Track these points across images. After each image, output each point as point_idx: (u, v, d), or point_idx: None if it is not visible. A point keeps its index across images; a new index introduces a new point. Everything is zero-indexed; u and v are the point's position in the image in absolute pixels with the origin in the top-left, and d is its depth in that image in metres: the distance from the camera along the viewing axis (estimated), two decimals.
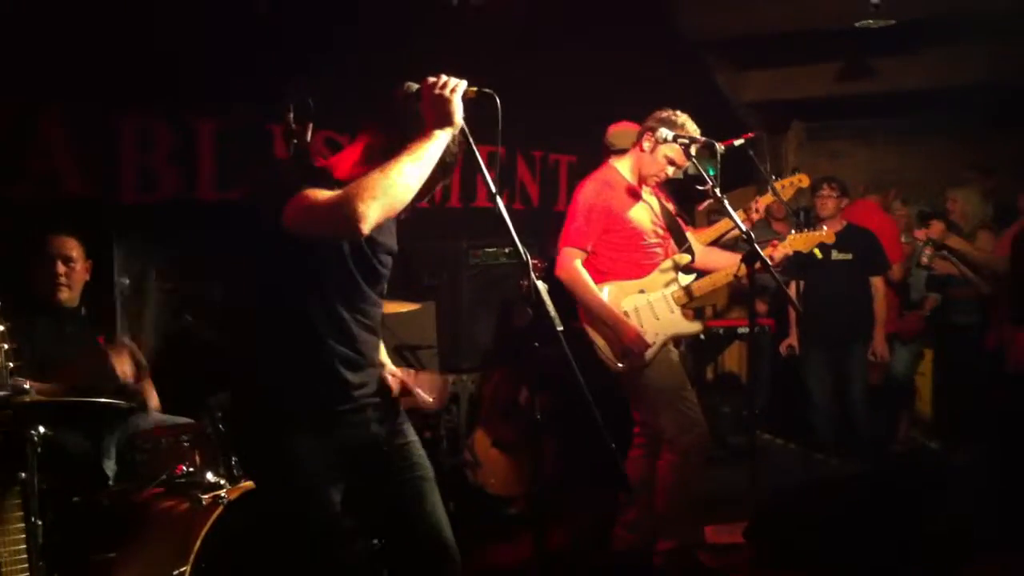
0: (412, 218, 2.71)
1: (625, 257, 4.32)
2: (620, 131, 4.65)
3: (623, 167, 4.38)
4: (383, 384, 2.86)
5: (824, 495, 4.51)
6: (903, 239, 6.44)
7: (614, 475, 2.98)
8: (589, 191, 4.32)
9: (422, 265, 5.73)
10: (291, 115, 4.23)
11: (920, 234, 5.65)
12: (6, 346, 2.89)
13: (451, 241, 5.87)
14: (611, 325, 4.22)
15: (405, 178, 2.43)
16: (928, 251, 5.66)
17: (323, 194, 2.45)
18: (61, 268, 4.03)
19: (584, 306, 4.27)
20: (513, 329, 5.83)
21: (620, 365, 4.25)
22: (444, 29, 5.33)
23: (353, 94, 4.88)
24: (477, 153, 2.53)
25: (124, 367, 3.93)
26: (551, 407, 3.87)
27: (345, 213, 2.38)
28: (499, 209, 2.47)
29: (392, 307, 4.13)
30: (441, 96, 2.48)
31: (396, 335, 5.05)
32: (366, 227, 2.40)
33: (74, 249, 4.08)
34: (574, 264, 4.23)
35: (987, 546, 4.23)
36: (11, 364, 2.90)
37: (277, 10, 4.85)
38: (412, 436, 2.91)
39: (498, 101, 2.51)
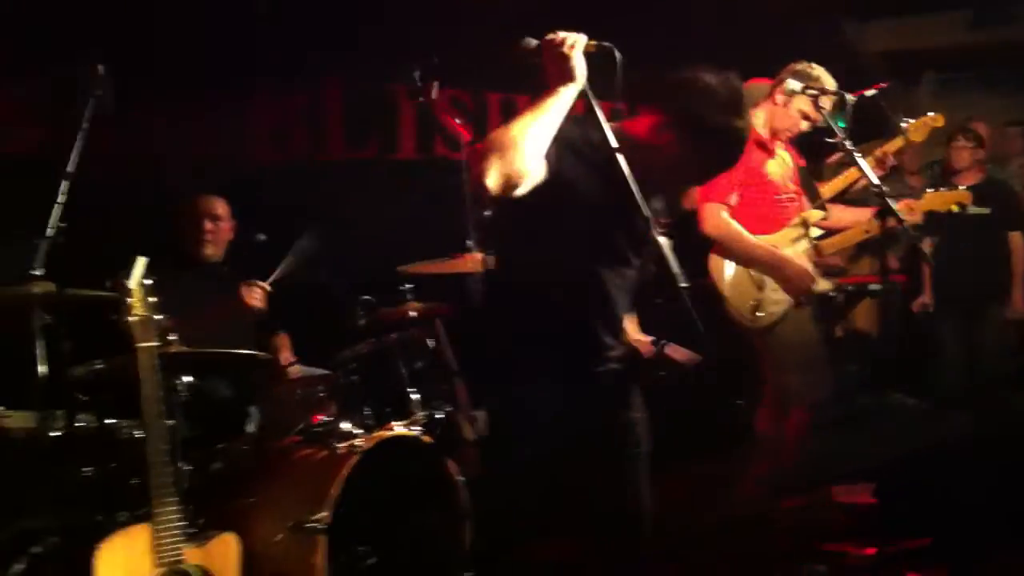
0: None
1: (757, 212, 4.24)
2: (758, 85, 4.57)
3: (756, 121, 4.31)
4: (631, 349, 2.85)
5: (953, 456, 4.41)
6: None
7: (738, 427, 2.97)
8: None
9: None
10: (417, 74, 4.30)
11: None
12: (154, 299, 3.01)
13: None
14: (775, 266, 4.16)
15: (523, 135, 2.40)
16: None
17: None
18: (208, 226, 4.23)
19: (741, 255, 4.20)
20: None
21: (752, 319, 4.22)
22: None
23: (477, 52, 4.95)
24: (598, 108, 2.52)
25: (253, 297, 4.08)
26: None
27: (475, 172, 2.42)
28: (621, 165, 2.47)
29: None
30: (560, 52, 2.44)
31: None
32: (491, 183, 2.38)
33: (221, 208, 4.27)
34: (721, 216, 4.15)
35: None
36: (158, 316, 3.02)
37: None
38: (640, 411, 2.87)
39: (618, 55, 2.48)
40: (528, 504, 2.78)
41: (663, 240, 2.44)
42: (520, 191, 2.42)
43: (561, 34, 2.47)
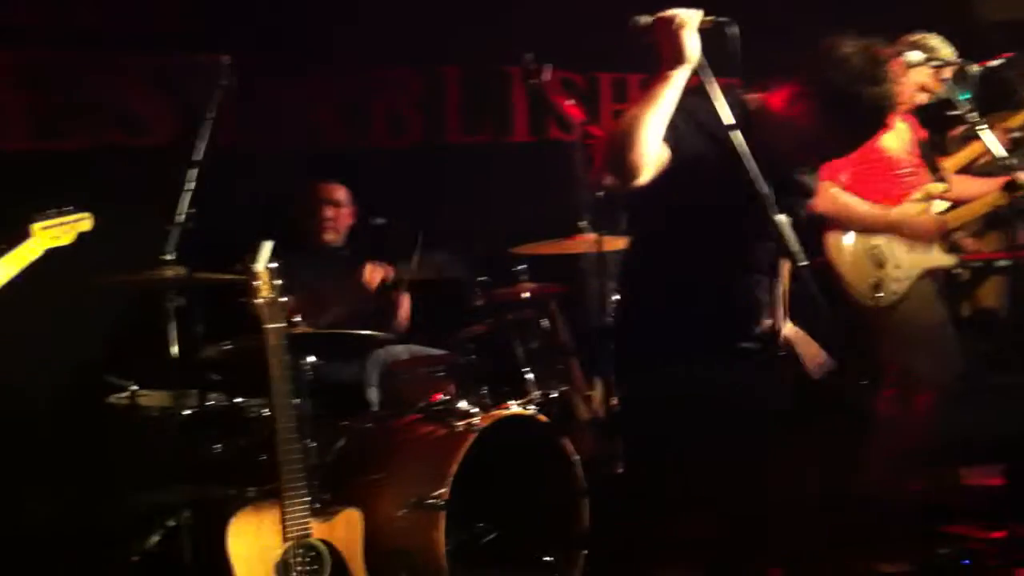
0: None
1: (876, 188, 4.14)
2: None
3: None
4: (773, 331, 2.81)
5: None
6: None
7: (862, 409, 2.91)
8: None
9: None
10: (530, 56, 4.32)
11: None
12: (279, 281, 3.10)
13: None
14: (895, 225, 4.08)
15: (637, 128, 2.35)
16: None
17: None
18: (329, 212, 4.35)
19: (860, 225, 4.10)
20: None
21: (871, 300, 4.13)
22: None
23: (589, 32, 4.95)
24: (716, 85, 2.48)
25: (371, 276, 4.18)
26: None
27: (595, 169, 2.45)
28: (735, 142, 2.44)
29: (617, 243, 4.18)
30: (673, 31, 2.36)
31: None
32: (610, 181, 2.42)
33: (341, 194, 4.38)
34: (831, 192, 4.08)
35: None
36: (284, 298, 3.10)
37: None
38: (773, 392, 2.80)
39: (735, 30, 2.41)
40: (653, 480, 2.79)
41: (782, 217, 2.40)
42: (643, 180, 2.40)
43: (674, 11, 2.40)
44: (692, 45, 2.37)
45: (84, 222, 3.02)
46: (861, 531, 4.10)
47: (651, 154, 2.39)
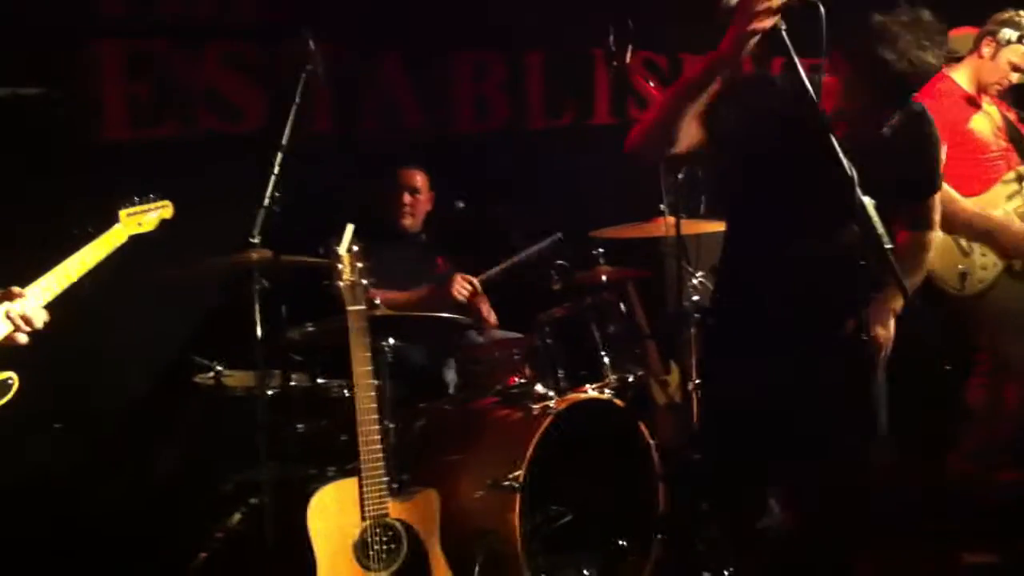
0: None
1: (964, 172, 4.03)
2: (960, 37, 4.34)
3: (960, 77, 4.09)
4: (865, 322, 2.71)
5: None
6: None
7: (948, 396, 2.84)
8: (926, 106, 4.07)
9: None
10: (611, 37, 4.29)
11: None
12: (361, 265, 3.15)
13: None
14: (990, 231, 3.98)
15: (668, 105, 2.39)
16: None
17: None
18: (407, 198, 4.38)
19: (952, 219, 4.02)
20: None
21: (959, 287, 4.04)
22: None
23: (673, 14, 4.90)
24: (799, 65, 2.43)
25: (461, 289, 4.21)
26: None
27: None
28: (822, 123, 2.39)
29: (710, 227, 4.14)
30: (755, 12, 2.25)
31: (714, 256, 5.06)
32: (632, 151, 2.46)
33: (420, 180, 4.41)
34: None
35: None
36: (366, 281, 3.15)
37: None
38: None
39: (822, 9, 2.32)
40: (730, 466, 2.78)
41: (867, 200, 2.35)
42: (664, 156, 2.47)
43: None
44: (754, 40, 2.29)
45: (166, 210, 3.08)
46: (951, 522, 4.03)
47: (677, 134, 2.42)
